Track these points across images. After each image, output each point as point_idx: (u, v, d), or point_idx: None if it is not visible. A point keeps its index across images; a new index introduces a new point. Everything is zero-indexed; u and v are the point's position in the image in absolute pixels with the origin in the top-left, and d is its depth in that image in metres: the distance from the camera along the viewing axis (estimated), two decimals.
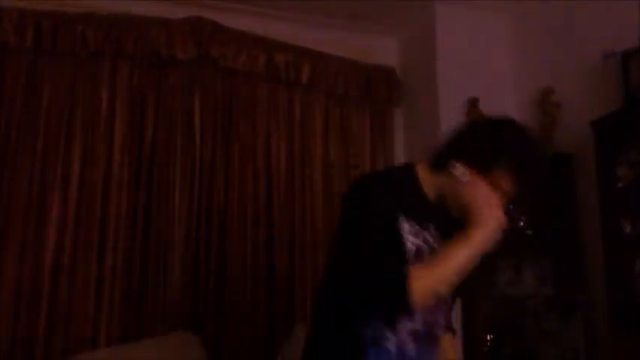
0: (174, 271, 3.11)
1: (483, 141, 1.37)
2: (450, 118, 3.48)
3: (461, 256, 1.25)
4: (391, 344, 1.32)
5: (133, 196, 3.11)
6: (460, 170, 1.34)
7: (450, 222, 1.38)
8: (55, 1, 3.13)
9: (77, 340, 2.86)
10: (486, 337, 3.18)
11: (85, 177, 3.06)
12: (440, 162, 1.39)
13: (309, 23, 3.66)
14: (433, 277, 1.25)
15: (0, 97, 2.97)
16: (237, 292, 3.20)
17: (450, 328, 1.62)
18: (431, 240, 1.37)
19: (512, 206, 3.40)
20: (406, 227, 1.32)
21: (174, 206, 3.17)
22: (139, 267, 3.06)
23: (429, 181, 1.42)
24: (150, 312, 3.02)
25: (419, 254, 1.32)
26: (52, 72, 3.09)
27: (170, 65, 3.29)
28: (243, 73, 3.45)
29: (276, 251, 3.35)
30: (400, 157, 3.88)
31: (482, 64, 3.54)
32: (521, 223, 3.24)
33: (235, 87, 3.45)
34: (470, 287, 1.60)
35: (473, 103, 3.46)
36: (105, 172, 3.08)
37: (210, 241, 3.21)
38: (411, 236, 1.32)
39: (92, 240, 3.00)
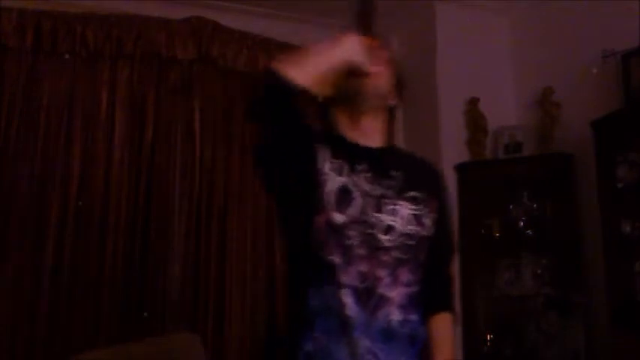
0: (174, 271, 3.11)
1: None
2: (450, 118, 3.49)
3: (320, 53, 1.34)
4: (335, 310, 1.25)
5: (133, 196, 3.11)
6: None
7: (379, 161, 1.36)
8: (55, 1, 3.13)
9: (77, 340, 2.86)
10: (486, 337, 3.18)
11: (85, 176, 3.06)
12: None
13: (309, 23, 3.66)
14: (297, 59, 1.30)
15: (0, 97, 2.97)
16: (237, 291, 3.21)
17: (431, 298, 1.41)
18: (361, 181, 1.32)
19: (512, 206, 3.39)
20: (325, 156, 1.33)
21: (174, 206, 3.17)
22: (139, 267, 3.05)
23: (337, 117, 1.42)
24: (150, 312, 3.02)
25: (344, 192, 1.30)
26: (52, 72, 3.09)
27: (170, 65, 3.29)
28: (243, 73, 3.44)
29: (276, 251, 3.35)
30: None
31: (482, 64, 3.54)
32: (521, 223, 3.25)
33: (235, 87, 3.45)
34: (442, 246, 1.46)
35: (473, 103, 3.46)
36: (105, 172, 3.09)
37: (210, 240, 3.21)
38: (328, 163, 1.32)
39: (92, 240, 3.00)
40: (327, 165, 1.31)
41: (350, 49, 1.33)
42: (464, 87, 3.46)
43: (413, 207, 1.34)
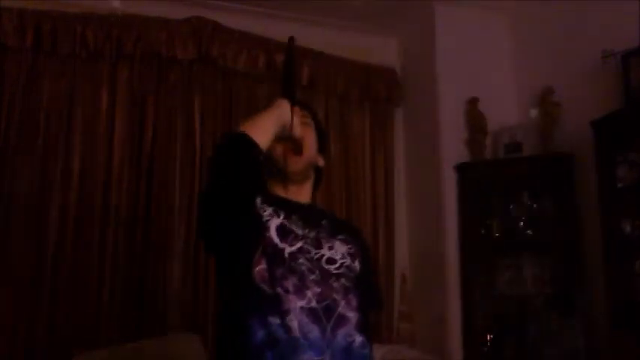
0: (174, 271, 3.11)
1: None
2: (450, 118, 3.50)
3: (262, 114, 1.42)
4: (288, 335, 1.26)
5: (133, 196, 3.11)
6: None
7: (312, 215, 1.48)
8: (55, 1, 3.13)
9: (77, 340, 2.86)
10: (486, 337, 3.18)
11: (85, 177, 3.06)
12: None
13: (309, 23, 3.66)
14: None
15: (0, 97, 2.97)
16: None
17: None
18: (296, 224, 1.42)
19: (512, 206, 3.41)
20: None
21: (174, 206, 3.17)
22: (138, 267, 3.06)
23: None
24: (150, 312, 3.03)
25: (284, 230, 1.39)
26: (52, 72, 3.09)
27: (170, 65, 3.29)
28: (243, 73, 3.44)
29: None
30: (400, 157, 3.88)
31: (482, 64, 3.54)
32: (521, 223, 3.25)
33: (235, 87, 3.45)
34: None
35: (473, 103, 3.46)
36: (105, 172, 3.09)
37: None
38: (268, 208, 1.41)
39: (92, 240, 3.00)
40: (265, 209, 1.41)
41: (284, 112, 1.44)
42: (464, 87, 3.46)
43: (346, 246, 1.47)
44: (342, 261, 1.42)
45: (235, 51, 3.41)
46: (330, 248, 1.42)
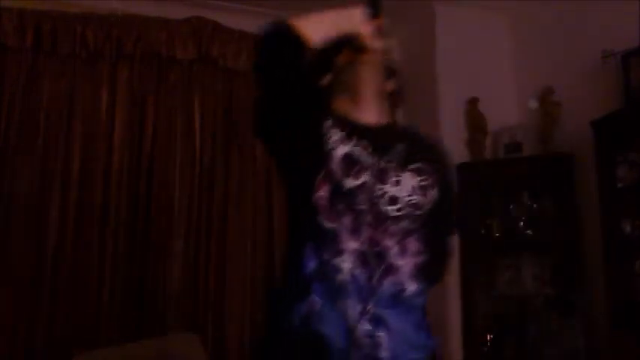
0: (174, 271, 3.11)
1: None
2: (450, 118, 3.49)
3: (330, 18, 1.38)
4: (331, 275, 1.24)
5: (132, 196, 3.12)
6: None
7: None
8: (55, 1, 3.13)
9: (77, 340, 2.86)
10: (486, 337, 3.18)
11: (85, 176, 3.06)
12: None
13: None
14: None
15: (0, 97, 2.97)
16: (237, 291, 3.21)
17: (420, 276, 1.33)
18: (364, 153, 1.32)
19: (512, 206, 3.40)
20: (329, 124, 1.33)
21: (174, 206, 3.17)
22: (138, 267, 3.06)
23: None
24: (150, 312, 3.03)
25: (351, 159, 1.30)
26: (52, 72, 3.09)
27: (170, 65, 3.29)
28: (243, 73, 3.44)
29: (276, 250, 3.35)
30: None
31: (482, 64, 3.54)
32: (521, 223, 3.25)
33: (235, 87, 3.45)
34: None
35: (473, 103, 3.46)
36: (105, 172, 3.09)
37: (209, 241, 3.21)
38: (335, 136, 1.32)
39: (92, 240, 3.00)
40: (332, 134, 1.32)
41: (354, 17, 1.36)
42: (464, 87, 3.46)
43: (417, 178, 1.35)
44: (407, 199, 1.31)
45: (235, 51, 3.41)
46: (397, 183, 1.31)
